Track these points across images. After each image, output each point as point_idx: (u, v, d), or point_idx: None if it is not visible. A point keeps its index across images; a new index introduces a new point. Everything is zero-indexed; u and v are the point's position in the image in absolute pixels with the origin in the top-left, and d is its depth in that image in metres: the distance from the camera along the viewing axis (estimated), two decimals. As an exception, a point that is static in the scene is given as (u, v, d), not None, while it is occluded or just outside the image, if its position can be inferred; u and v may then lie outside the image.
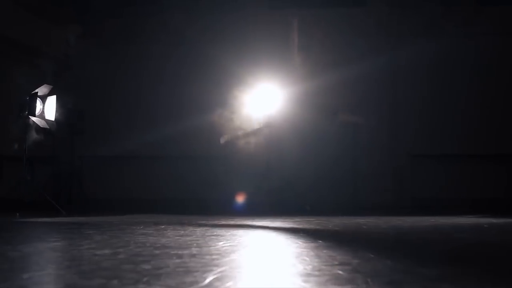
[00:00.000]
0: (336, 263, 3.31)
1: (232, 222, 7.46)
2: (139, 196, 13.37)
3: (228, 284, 2.68)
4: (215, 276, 2.87)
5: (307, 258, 3.51)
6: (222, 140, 12.52)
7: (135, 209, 11.13)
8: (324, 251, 3.91)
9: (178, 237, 5.05)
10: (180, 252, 3.85)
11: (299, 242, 4.58)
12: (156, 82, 13.74)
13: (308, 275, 2.93)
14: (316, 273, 2.97)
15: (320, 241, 4.61)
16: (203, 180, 13.19)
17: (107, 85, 14.02)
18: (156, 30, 13.78)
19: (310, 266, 3.18)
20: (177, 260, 3.41)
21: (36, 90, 9.85)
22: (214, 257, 3.59)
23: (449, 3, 13.53)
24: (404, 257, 3.70)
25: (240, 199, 9.03)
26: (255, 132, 11.91)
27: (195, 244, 4.37)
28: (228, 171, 13.60)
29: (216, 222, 7.53)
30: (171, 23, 13.75)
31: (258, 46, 13.49)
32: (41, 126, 10.06)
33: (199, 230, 5.93)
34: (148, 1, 14.03)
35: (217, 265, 3.22)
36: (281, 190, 13.41)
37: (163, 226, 6.60)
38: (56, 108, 10.14)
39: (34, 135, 10.34)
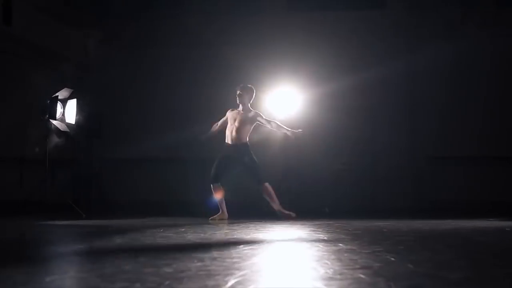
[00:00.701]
0: (358, 266, 3.31)
1: (251, 225, 7.47)
2: (158, 198, 13.40)
3: (250, 288, 2.69)
4: (236, 280, 2.88)
5: (328, 262, 3.51)
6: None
7: (154, 211, 11.16)
8: (345, 254, 3.91)
9: (198, 240, 5.07)
10: (201, 255, 3.87)
11: (320, 246, 4.58)
12: (174, 84, 13.77)
13: (330, 278, 2.93)
14: (338, 276, 2.97)
15: (341, 245, 4.60)
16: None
17: (126, 88, 14.08)
18: (174, 33, 13.82)
19: (332, 270, 3.18)
20: (199, 263, 3.43)
21: (57, 94, 9.92)
22: (235, 260, 3.60)
23: (469, 4, 13.46)
24: (426, 261, 3.69)
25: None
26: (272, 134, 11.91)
27: (215, 247, 4.38)
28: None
29: (235, 225, 7.54)
30: (190, 26, 13.79)
31: (277, 48, 13.49)
32: (61, 129, 10.12)
33: (219, 233, 5.94)
34: (167, 4, 14.08)
35: (238, 269, 3.22)
36: (300, 192, 13.39)
37: (183, 229, 6.62)
38: (76, 112, 10.21)
39: (54, 139, 10.41)
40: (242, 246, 4.55)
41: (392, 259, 3.71)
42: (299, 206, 12.93)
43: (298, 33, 13.62)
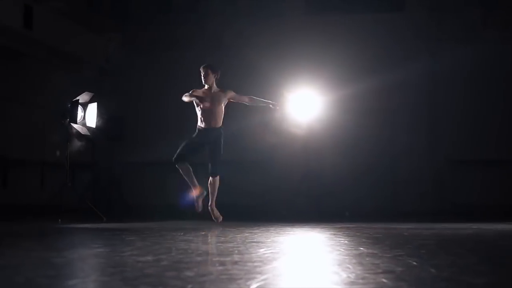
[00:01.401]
0: (380, 271, 3.29)
1: (271, 229, 7.46)
2: (177, 202, 13.41)
3: (272, 292, 2.68)
4: (258, 284, 2.87)
5: (350, 266, 3.49)
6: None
7: (173, 215, 11.19)
8: (367, 258, 3.89)
9: (219, 244, 5.07)
10: (222, 259, 3.86)
11: (341, 250, 4.56)
12: (194, 87, 13.80)
13: (352, 283, 2.91)
14: (360, 281, 2.96)
15: (362, 249, 4.58)
16: (241, 186, 13.20)
17: (146, 92, 14.13)
18: (194, 37, 13.86)
19: (354, 274, 3.16)
20: (220, 267, 3.42)
21: (78, 98, 9.98)
22: (256, 264, 3.59)
23: (489, 7, 13.38)
24: (448, 265, 3.66)
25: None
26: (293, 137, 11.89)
27: (236, 251, 4.37)
28: (267, 177, 13.60)
29: (255, 228, 7.53)
30: (209, 29, 13.82)
31: (296, 51, 13.48)
32: (82, 133, 10.18)
33: (239, 237, 5.94)
34: (186, 8, 14.11)
35: (260, 273, 3.22)
36: (320, 195, 13.37)
37: (203, 232, 6.63)
38: (97, 115, 10.26)
39: (75, 142, 10.47)
40: (263, 250, 4.54)
41: (414, 263, 3.69)
42: (319, 209, 12.94)
43: (317, 36, 13.60)
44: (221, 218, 8.74)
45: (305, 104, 12.19)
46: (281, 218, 9.95)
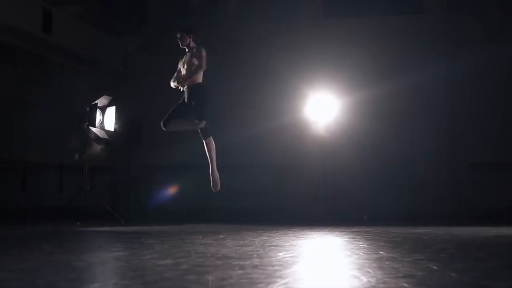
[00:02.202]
0: (400, 275, 3.27)
1: (290, 232, 7.45)
2: (194, 205, 13.44)
3: (293, 296, 2.68)
4: (279, 288, 2.86)
5: (370, 270, 3.47)
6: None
7: (191, 218, 11.21)
8: (387, 262, 3.87)
9: (238, 247, 5.06)
10: (241, 262, 3.86)
11: (360, 253, 4.54)
12: (212, 91, 13.82)
13: (373, 287, 2.90)
14: (381, 285, 2.94)
15: (382, 253, 4.56)
16: (259, 189, 13.21)
17: (164, 95, 14.13)
18: (211, 40, 13.88)
19: (374, 279, 3.15)
20: (240, 271, 3.42)
21: (96, 101, 10.02)
22: (276, 268, 3.58)
23: (508, 9, 13.31)
24: (469, 270, 3.63)
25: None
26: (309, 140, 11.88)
27: (255, 255, 4.37)
28: (284, 180, 13.60)
29: (273, 232, 7.52)
30: (227, 33, 13.83)
31: (314, 54, 13.47)
32: (100, 136, 10.22)
33: (257, 240, 5.93)
34: (204, 11, 14.14)
35: (280, 277, 3.21)
36: (338, 198, 13.34)
37: (222, 236, 6.63)
38: (115, 119, 10.30)
39: (93, 146, 10.51)
40: (282, 253, 4.53)
41: (435, 267, 3.66)
42: (337, 213, 12.91)
43: (334, 39, 13.58)
44: (219, 185, 8.58)
45: (323, 107, 12.16)
46: (299, 222, 9.93)
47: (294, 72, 12.83)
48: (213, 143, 8.61)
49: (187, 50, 8.76)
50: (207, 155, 8.65)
